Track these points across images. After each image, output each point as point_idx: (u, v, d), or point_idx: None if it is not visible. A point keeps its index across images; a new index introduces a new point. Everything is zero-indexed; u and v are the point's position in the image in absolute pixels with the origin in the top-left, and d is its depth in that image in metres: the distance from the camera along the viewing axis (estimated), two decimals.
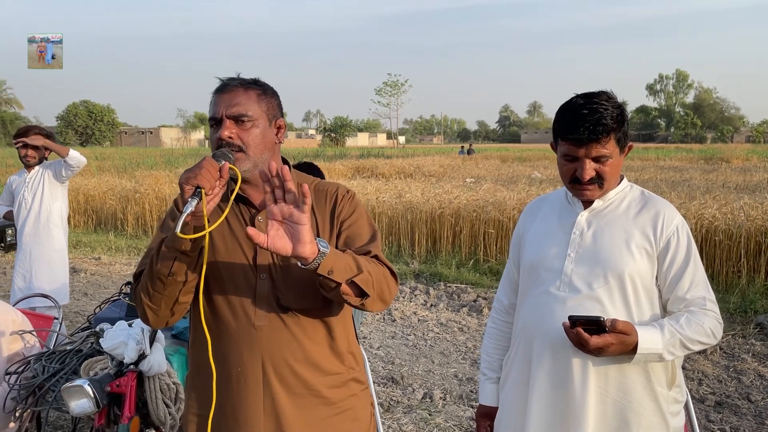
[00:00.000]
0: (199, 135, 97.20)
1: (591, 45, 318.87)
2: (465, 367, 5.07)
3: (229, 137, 1.57)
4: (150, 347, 2.51)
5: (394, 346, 5.58)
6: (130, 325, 2.57)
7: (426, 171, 20.80)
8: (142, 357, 2.50)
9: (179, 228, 1.38)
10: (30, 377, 2.80)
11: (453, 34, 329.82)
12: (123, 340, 2.49)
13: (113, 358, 2.55)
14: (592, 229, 1.82)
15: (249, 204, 1.67)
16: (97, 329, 2.75)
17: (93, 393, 2.38)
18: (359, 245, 1.64)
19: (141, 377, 2.53)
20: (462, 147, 40.59)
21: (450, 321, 6.28)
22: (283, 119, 1.72)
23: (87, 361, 2.65)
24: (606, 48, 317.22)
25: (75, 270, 8.42)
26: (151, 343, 2.52)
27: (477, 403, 2.13)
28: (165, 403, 2.55)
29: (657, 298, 1.79)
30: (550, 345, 1.78)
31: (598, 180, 1.77)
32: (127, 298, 3.40)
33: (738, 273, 7.23)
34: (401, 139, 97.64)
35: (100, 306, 3.58)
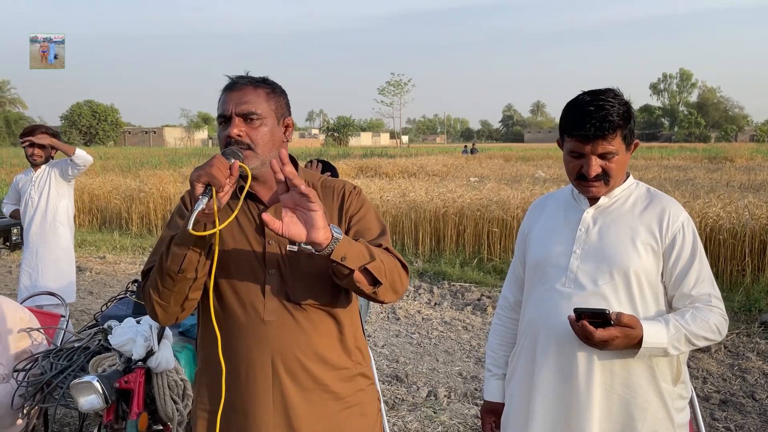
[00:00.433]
0: (203, 134, 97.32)
1: (594, 44, 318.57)
2: (469, 366, 5.08)
3: (238, 135, 1.58)
4: (158, 344, 2.53)
5: (398, 344, 5.59)
6: (138, 322, 2.58)
7: (429, 170, 20.79)
8: (150, 354, 2.52)
9: (191, 225, 1.40)
10: (38, 374, 2.82)
11: (456, 33, 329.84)
12: (131, 336, 2.50)
13: (121, 354, 2.56)
14: (597, 226, 1.83)
15: (257, 200, 1.68)
16: (105, 326, 2.76)
17: (102, 389, 2.40)
18: (370, 239, 1.65)
19: (149, 374, 2.55)
20: (465, 146, 40.63)
21: (454, 319, 6.29)
22: (291, 118, 1.74)
23: (95, 358, 2.66)
24: (609, 47, 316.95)
25: (80, 269, 8.45)
26: (159, 340, 2.54)
27: (482, 401, 2.14)
28: (173, 400, 2.57)
29: (662, 294, 1.80)
30: (555, 341, 1.79)
31: (604, 177, 1.78)
32: (134, 295, 3.42)
33: (742, 272, 7.22)
34: (404, 139, 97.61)
35: (107, 304, 3.59)
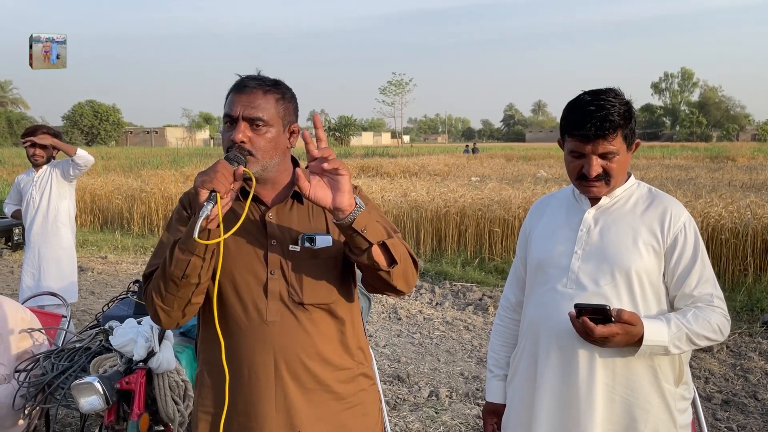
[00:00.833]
0: (204, 134, 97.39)
1: (596, 43, 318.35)
2: (471, 366, 5.07)
3: (242, 141, 1.57)
4: (159, 345, 2.53)
5: (399, 344, 5.59)
6: (139, 323, 2.58)
7: (431, 170, 20.80)
8: (151, 354, 2.52)
9: (196, 233, 1.40)
10: (39, 375, 2.82)
11: (457, 33, 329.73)
12: (132, 337, 2.50)
13: (122, 355, 2.56)
14: (599, 226, 1.82)
15: (259, 201, 1.68)
16: (106, 327, 2.76)
17: (102, 390, 2.40)
18: None
19: (150, 374, 2.55)
20: (467, 146, 40.64)
21: (456, 319, 6.28)
22: (298, 124, 1.73)
23: (96, 359, 2.66)
24: (611, 46, 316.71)
25: (82, 269, 8.45)
26: (160, 341, 2.54)
27: (483, 401, 2.13)
28: (174, 401, 2.57)
29: (664, 295, 1.79)
30: (556, 341, 1.79)
31: (604, 177, 1.78)
32: (135, 296, 3.41)
33: (744, 271, 7.21)
34: (406, 138, 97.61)
35: (108, 304, 3.59)
